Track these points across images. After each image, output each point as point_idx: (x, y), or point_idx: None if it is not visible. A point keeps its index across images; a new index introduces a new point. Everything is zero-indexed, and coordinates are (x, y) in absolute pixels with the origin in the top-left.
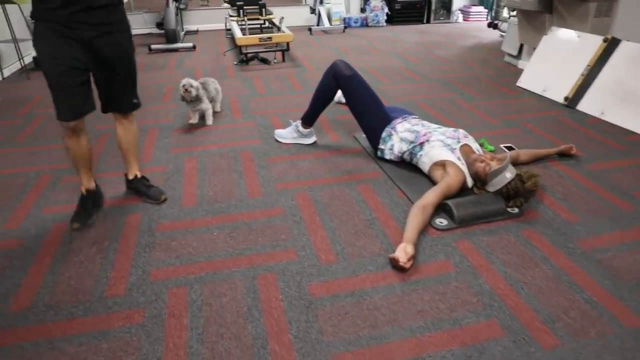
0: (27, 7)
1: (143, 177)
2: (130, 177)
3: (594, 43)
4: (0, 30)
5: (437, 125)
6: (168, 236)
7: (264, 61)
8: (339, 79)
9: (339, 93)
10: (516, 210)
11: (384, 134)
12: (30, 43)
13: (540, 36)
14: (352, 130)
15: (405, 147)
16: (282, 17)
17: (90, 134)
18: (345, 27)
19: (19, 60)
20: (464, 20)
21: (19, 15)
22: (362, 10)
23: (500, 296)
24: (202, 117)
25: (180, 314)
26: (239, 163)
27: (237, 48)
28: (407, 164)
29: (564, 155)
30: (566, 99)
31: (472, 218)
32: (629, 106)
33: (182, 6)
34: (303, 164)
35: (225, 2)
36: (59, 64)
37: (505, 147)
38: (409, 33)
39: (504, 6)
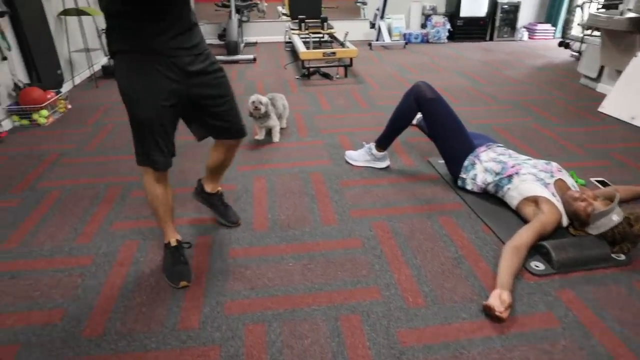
0: (99, 19)
1: (222, 194)
2: (212, 191)
3: None
4: (75, 40)
5: (526, 157)
6: (241, 264)
7: (326, 76)
8: (421, 102)
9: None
10: (622, 256)
11: (466, 163)
12: (99, 52)
13: (628, 58)
14: (426, 153)
15: (490, 178)
16: (347, 32)
17: None
18: (406, 43)
19: (89, 68)
20: (529, 38)
21: (92, 25)
22: (423, 26)
23: None
24: (269, 133)
25: (259, 355)
26: (310, 185)
27: (298, 61)
28: (489, 196)
29: None
30: None
31: (573, 263)
32: None
33: (244, 18)
34: (377, 189)
35: (284, 15)
36: (159, 102)
37: (597, 181)
38: (471, 50)
39: (585, 26)
